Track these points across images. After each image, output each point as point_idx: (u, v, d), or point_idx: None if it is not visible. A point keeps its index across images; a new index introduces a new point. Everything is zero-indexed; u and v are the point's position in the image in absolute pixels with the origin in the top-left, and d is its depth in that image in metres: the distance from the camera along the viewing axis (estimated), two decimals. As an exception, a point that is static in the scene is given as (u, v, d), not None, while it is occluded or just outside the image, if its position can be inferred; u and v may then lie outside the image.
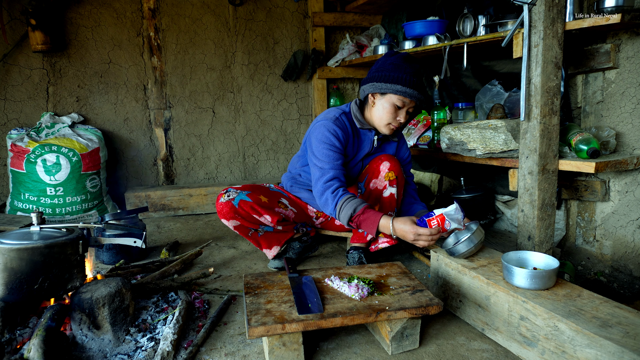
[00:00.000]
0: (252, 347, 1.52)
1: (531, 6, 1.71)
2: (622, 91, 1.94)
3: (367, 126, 2.03)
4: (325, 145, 1.92)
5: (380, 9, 3.57)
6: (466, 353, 1.47)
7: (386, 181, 1.95)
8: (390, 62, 1.90)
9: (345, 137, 1.98)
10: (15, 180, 2.99)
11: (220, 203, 2.05)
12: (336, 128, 1.94)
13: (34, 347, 1.25)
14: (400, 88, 1.86)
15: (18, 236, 1.47)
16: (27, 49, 3.15)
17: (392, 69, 1.88)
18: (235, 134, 3.77)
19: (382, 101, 1.93)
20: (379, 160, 1.99)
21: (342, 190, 1.84)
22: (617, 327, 1.22)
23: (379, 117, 1.96)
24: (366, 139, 2.06)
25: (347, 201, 1.79)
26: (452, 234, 1.74)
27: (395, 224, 1.70)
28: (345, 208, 1.79)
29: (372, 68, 1.97)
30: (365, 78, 1.98)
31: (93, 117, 3.40)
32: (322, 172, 1.89)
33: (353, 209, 1.77)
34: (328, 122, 1.95)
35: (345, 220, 1.80)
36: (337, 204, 1.81)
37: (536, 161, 1.79)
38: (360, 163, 2.10)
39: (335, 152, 1.92)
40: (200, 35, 3.54)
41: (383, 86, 1.89)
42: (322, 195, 1.87)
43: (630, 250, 1.99)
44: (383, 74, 1.89)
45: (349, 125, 2.01)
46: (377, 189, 1.99)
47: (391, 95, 1.90)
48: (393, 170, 1.95)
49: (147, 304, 1.71)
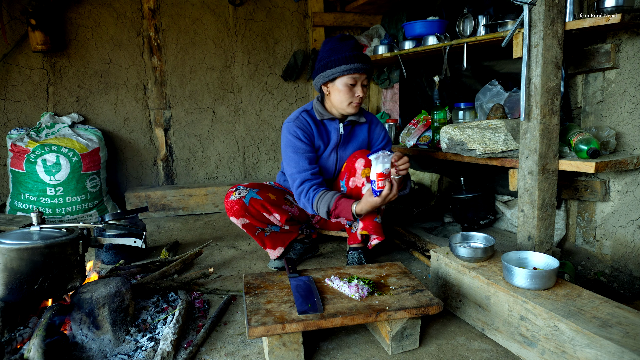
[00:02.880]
0: (252, 347, 1.52)
1: (531, 6, 1.71)
2: (622, 91, 1.94)
3: (329, 116, 2.09)
4: (289, 149, 2.03)
5: (380, 9, 3.57)
6: (466, 353, 1.47)
7: (363, 178, 1.97)
8: (328, 49, 1.97)
9: (308, 133, 2.05)
10: (15, 180, 2.99)
11: (230, 201, 2.05)
12: (296, 128, 2.03)
13: (34, 347, 1.25)
14: (345, 67, 1.92)
15: (18, 236, 1.47)
16: (27, 49, 3.15)
17: (330, 54, 1.95)
18: (235, 134, 3.77)
19: (336, 87, 1.99)
20: (354, 158, 2.03)
21: (313, 190, 1.94)
22: (617, 327, 1.22)
23: (339, 102, 2.01)
24: (332, 129, 2.12)
25: (320, 200, 1.92)
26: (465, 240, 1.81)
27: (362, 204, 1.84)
28: (320, 207, 1.92)
29: (316, 62, 2.04)
30: (313, 73, 2.05)
31: (93, 117, 3.40)
32: (292, 178, 2.02)
33: (327, 205, 1.90)
34: (289, 124, 2.06)
35: (326, 217, 1.93)
36: (313, 205, 1.95)
37: (536, 161, 1.79)
38: (334, 152, 2.13)
39: (299, 153, 2.01)
40: (200, 35, 3.54)
41: (329, 73, 1.95)
42: (300, 201, 2.02)
43: (630, 250, 1.99)
44: (325, 62, 1.96)
45: (312, 121, 2.08)
46: (357, 186, 2.02)
47: (340, 77, 1.95)
48: (369, 166, 1.96)
49: (147, 304, 1.71)
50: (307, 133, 2.04)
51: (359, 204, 1.86)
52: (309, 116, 2.09)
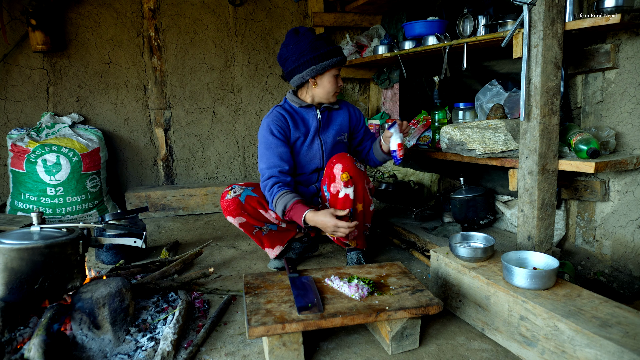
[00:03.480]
0: (252, 347, 1.52)
1: (531, 6, 1.71)
2: (622, 91, 1.94)
3: (306, 104, 2.16)
4: (262, 145, 2.09)
5: (380, 9, 3.57)
6: (466, 353, 1.47)
7: (342, 182, 1.97)
8: (309, 43, 2.03)
9: (284, 125, 2.11)
10: (15, 180, 2.99)
11: (226, 200, 2.05)
12: (270, 123, 2.09)
13: (34, 347, 1.26)
14: (335, 60, 2.05)
15: (18, 236, 1.47)
16: (27, 49, 3.15)
17: (317, 47, 2.03)
18: (235, 134, 3.77)
19: (324, 79, 2.09)
20: (331, 164, 2.03)
21: (277, 187, 2.00)
22: (617, 327, 1.22)
23: (325, 92, 2.12)
24: (309, 116, 2.18)
25: (280, 197, 1.96)
26: (465, 240, 1.83)
27: (316, 217, 1.86)
28: (278, 204, 1.97)
29: (291, 55, 2.06)
30: (295, 66, 2.07)
31: (93, 117, 3.40)
32: (261, 173, 2.07)
33: (283, 205, 1.95)
34: (263, 121, 2.13)
35: (281, 215, 1.98)
36: (273, 200, 1.99)
37: (536, 161, 1.79)
38: (317, 138, 2.17)
39: (270, 149, 2.06)
40: (200, 35, 3.54)
41: (321, 66, 2.04)
42: (265, 194, 2.06)
43: (630, 250, 1.99)
44: (315, 55, 2.02)
45: (286, 113, 2.15)
46: (338, 191, 2.02)
47: (330, 70, 2.07)
48: (346, 170, 1.97)
49: (147, 304, 1.71)
50: (281, 126, 2.09)
51: (314, 214, 1.87)
52: (283, 109, 2.16)
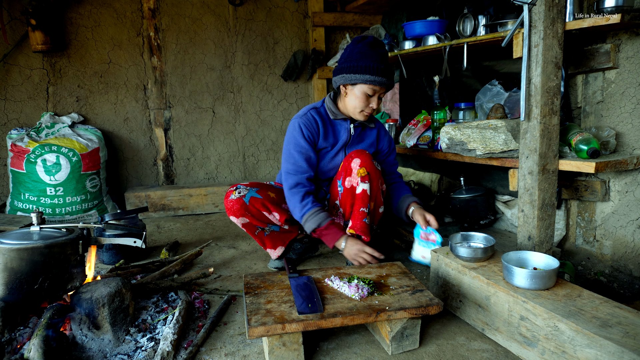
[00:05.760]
0: (252, 347, 1.52)
1: (531, 6, 1.71)
2: (622, 91, 1.94)
3: (342, 116, 2.08)
4: (290, 146, 2.02)
5: (380, 9, 3.57)
6: (466, 353, 1.47)
7: (358, 177, 1.96)
8: (358, 51, 1.93)
9: (314, 131, 2.04)
10: (15, 180, 2.99)
11: (230, 200, 2.04)
12: (302, 125, 2.02)
13: (34, 347, 1.25)
14: (369, 77, 1.90)
15: (18, 236, 1.47)
16: (27, 49, 3.15)
17: (359, 58, 1.92)
18: (235, 134, 3.77)
19: (354, 91, 1.97)
20: (350, 158, 2.01)
21: (311, 203, 1.97)
22: (617, 327, 1.22)
23: (352, 106, 2.01)
24: (342, 129, 2.11)
25: (313, 215, 1.94)
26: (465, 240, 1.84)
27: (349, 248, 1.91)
28: (310, 221, 1.95)
29: (341, 57, 2.00)
30: (336, 68, 2.01)
31: (93, 117, 3.40)
32: (287, 175, 2.01)
33: (317, 223, 1.93)
34: (295, 120, 2.04)
35: (309, 231, 1.97)
36: (305, 215, 1.96)
37: (536, 161, 1.79)
38: (342, 151, 2.13)
39: (300, 152, 2.01)
40: (200, 35, 3.54)
41: (352, 77, 1.93)
42: (290, 200, 2.01)
43: (630, 250, 1.99)
44: (351, 65, 1.93)
45: (319, 119, 2.07)
46: (352, 186, 2.01)
47: (361, 85, 1.94)
48: (364, 166, 1.95)
49: (147, 304, 1.71)
50: (311, 132, 2.03)
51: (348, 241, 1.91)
52: (318, 114, 2.08)
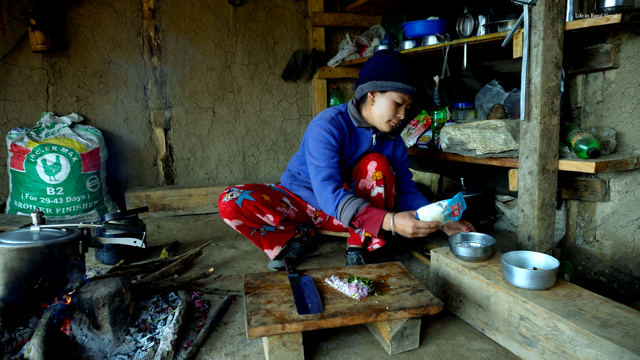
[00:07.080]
0: (252, 347, 1.52)
1: (531, 6, 1.71)
2: (622, 91, 1.94)
3: (365, 125, 2.06)
4: (321, 144, 1.96)
5: (380, 9, 3.57)
6: (466, 353, 1.47)
7: (373, 181, 1.96)
8: (387, 60, 1.93)
9: (341, 136, 2.01)
10: (15, 180, 2.99)
11: (223, 202, 2.04)
12: (332, 127, 1.98)
13: (34, 347, 1.25)
14: (401, 85, 1.90)
15: (18, 236, 1.47)
16: (27, 49, 3.15)
17: (389, 66, 1.91)
18: (235, 134, 3.77)
19: (383, 99, 1.95)
20: (367, 160, 2.00)
21: (344, 191, 1.87)
22: (617, 327, 1.22)
23: (379, 115, 1.99)
24: (364, 138, 2.09)
25: (349, 201, 1.82)
26: (465, 240, 1.81)
27: (395, 220, 1.77)
28: (347, 208, 1.82)
29: (367, 67, 1.99)
30: (362, 77, 1.99)
31: (93, 117, 3.40)
32: (318, 170, 1.93)
33: (355, 209, 1.81)
34: (324, 122, 1.99)
35: (346, 221, 1.83)
36: (339, 204, 1.84)
37: (536, 161, 1.79)
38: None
39: (331, 150, 1.95)
40: (200, 35, 3.54)
41: (383, 84, 1.91)
42: (321, 194, 1.91)
43: (630, 250, 1.99)
44: (382, 72, 1.91)
45: (345, 125, 2.04)
46: (365, 188, 2.00)
47: (392, 92, 1.93)
48: (380, 169, 1.95)
49: (147, 304, 1.71)
50: (341, 135, 2.00)
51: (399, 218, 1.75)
52: (344, 119, 2.05)
